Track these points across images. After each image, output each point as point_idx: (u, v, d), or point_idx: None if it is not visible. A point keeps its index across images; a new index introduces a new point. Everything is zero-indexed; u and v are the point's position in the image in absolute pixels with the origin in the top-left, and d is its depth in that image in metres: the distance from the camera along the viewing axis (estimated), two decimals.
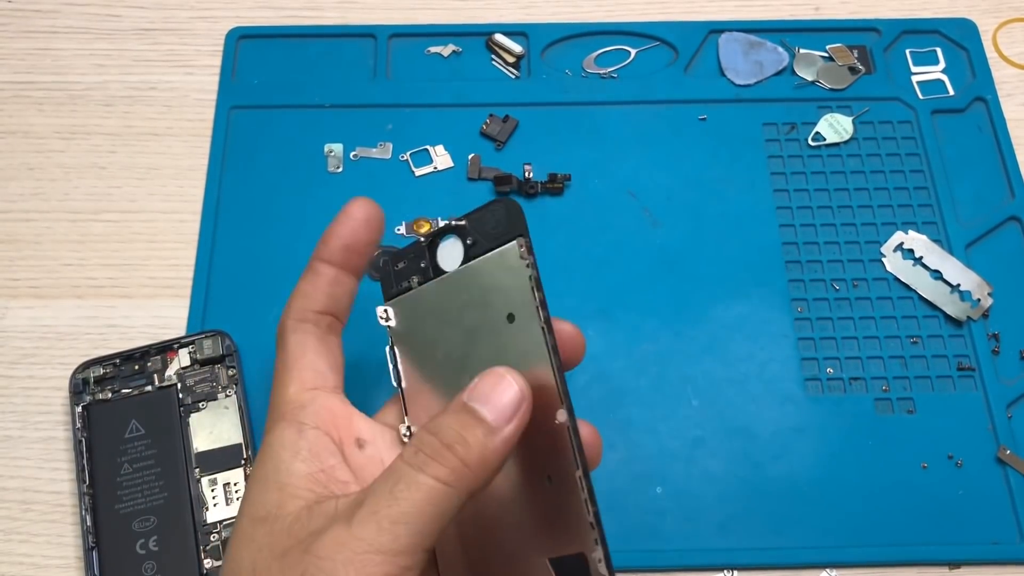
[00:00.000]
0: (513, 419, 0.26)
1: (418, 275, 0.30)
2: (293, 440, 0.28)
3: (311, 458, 0.28)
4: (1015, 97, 0.56)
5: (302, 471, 0.27)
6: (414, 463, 0.25)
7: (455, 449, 0.25)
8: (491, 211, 0.29)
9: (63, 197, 0.53)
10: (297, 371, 0.31)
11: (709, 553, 0.44)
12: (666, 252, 0.51)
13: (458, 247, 0.29)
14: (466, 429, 0.26)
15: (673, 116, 0.55)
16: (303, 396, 0.30)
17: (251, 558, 0.26)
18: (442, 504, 0.25)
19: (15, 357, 0.49)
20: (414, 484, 0.25)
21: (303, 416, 0.29)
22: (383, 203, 0.52)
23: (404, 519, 0.24)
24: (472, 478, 0.25)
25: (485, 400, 0.26)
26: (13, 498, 0.45)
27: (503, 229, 0.29)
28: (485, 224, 0.29)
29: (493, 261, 0.29)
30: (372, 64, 0.57)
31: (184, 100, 0.56)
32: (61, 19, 0.59)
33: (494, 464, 0.26)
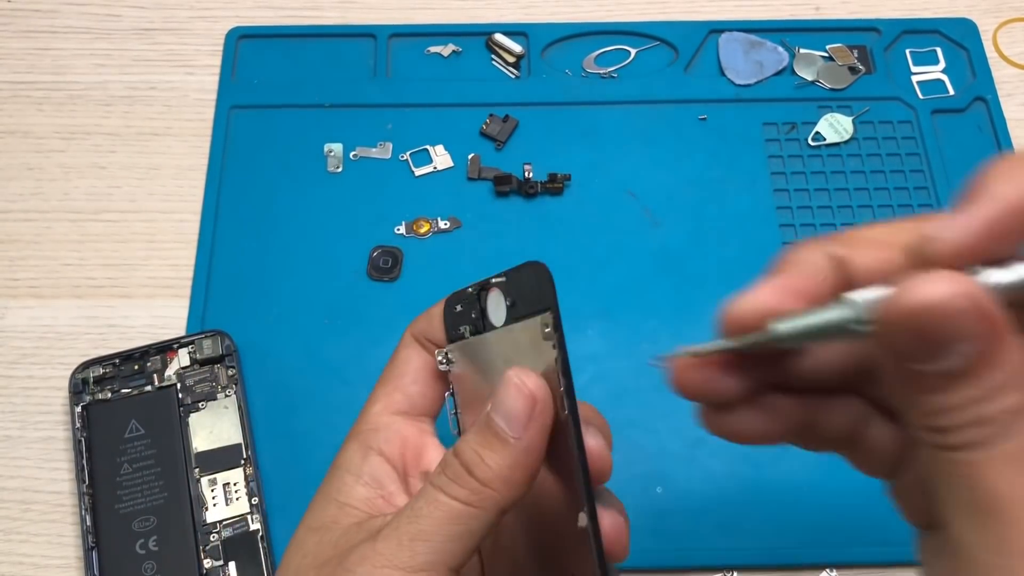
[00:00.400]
0: (529, 425, 0.25)
1: (470, 324, 0.29)
2: (357, 464, 0.29)
3: (372, 483, 0.29)
4: (1015, 97, 0.56)
5: (362, 494, 0.28)
6: (436, 483, 0.26)
7: (474, 469, 0.25)
8: (525, 273, 0.28)
9: (63, 197, 0.53)
10: (388, 390, 0.31)
11: (710, 553, 0.44)
12: (666, 252, 0.51)
13: (502, 303, 0.29)
14: (484, 448, 0.25)
15: (673, 116, 0.55)
16: (382, 419, 0.30)
17: (297, 564, 0.27)
18: (465, 523, 0.25)
19: (15, 357, 0.48)
20: (434, 503, 0.25)
21: (373, 440, 0.30)
22: (383, 203, 0.53)
23: (422, 536, 0.24)
24: (496, 496, 0.25)
25: (499, 408, 0.26)
26: (13, 498, 0.45)
27: (535, 296, 0.27)
28: (522, 286, 0.28)
29: (526, 330, 0.28)
30: (372, 64, 0.57)
31: (184, 100, 0.56)
32: (61, 19, 0.59)
33: (518, 479, 0.25)
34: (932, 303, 0.18)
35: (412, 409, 0.30)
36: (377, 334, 0.49)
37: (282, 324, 0.49)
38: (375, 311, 0.49)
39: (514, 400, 0.25)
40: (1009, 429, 0.18)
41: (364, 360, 0.48)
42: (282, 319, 0.49)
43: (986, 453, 0.18)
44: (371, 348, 0.49)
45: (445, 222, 0.52)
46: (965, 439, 0.18)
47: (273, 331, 0.49)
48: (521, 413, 0.25)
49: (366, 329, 0.49)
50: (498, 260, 0.51)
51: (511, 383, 0.26)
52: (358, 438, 0.30)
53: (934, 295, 0.18)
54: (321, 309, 0.49)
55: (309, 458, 0.46)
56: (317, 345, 0.48)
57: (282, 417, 0.47)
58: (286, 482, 0.45)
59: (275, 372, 0.48)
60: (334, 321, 0.49)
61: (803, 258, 0.22)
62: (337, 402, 0.47)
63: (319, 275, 0.50)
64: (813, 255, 0.22)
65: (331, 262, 0.51)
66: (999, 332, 0.18)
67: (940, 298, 0.18)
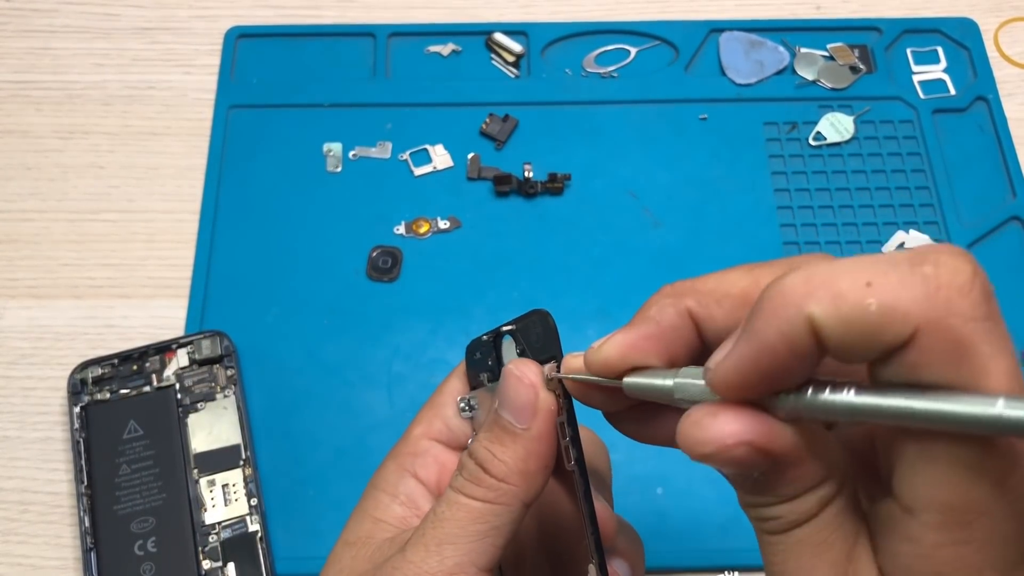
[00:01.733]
0: (536, 413, 0.26)
1: (487, 372, 0.30)
2: (394, 484, 0.29)
3: (407, 502, 0.29)
4: (1016, 96, 0.56)
5: (397, 512, 0.29)
6: (455, 486, 0.26)
7: (488, 467, 0.26)
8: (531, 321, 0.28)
9: (61, 197, 0.53)
10: (431, 417, 0.31)
11: (710, 554, 0.43)
12: (667, 252, 0.51)
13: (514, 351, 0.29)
14: (495, 443, 0.26)
15: (674, 115, 0.55)
16: (422, 443, 0.30)
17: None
18: (489, 520, 0.25)
19: (13, 357, 0.48)
20: (455, 505, 0.25)
21: (412, 464, 0.30)
22: (382, 203, 0.53)
23: (448, 539, 0.25)
24: (514, 490, 0.25)
25: (505, 402, 0.26)
26: (11, 499, 0.45)
27: (542, 344, 0.28)
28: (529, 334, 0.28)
29: None
30: (371, 63, 0.57)
31: (183, 99, 0.56)
32: (60, 18, 0.58)
33: (532, 469, 0.26)
34: (710, 448, 0.19)
35: (451, 440, 0.30)
36: (376, 334, 0.49)
37: (281, 324, 0.49)
38: (374, 311, 0.49)
39: (516, 391, 0.26)
40: (804, 524, 0.21)
41: (363, 360, 0.48)
42: (281, 319, 0.49)
43: (784, 541, 0.21)
44: (370, 348, 0.48)
45: (445, 222, 0.52)
46: (769, 528, 0.21)
47: (272, 331, 0.49)
48: (525, 403, 0.26)
49: (365, 329, 0.49)
50: (498, 260, 0.51)
51: (511, 375, 0.26)
52: (396, 459, 0.30)
53: (711, 440, 0.19)
54: (320, 309, 0.49)
55: (308, 459, 0.46)
56: (316, 345, 0.48)
57: (281, 418, 0.47)
58: (285, 483, 0.45)
59: (274, 372, 0.48)
60: (333, 321, 0.49)
61: (658, 312, 0.23)
62: (336, 402, 0.47)
63: (318, 275, 0.50)
64: (666, 311, 0.23)
65: (330, 262, 0.51)
66: (782, 460, 0.19)
67: (716, 444, 0.19)
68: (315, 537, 0.44)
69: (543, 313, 0.27)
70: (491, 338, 0.30)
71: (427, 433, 0.30)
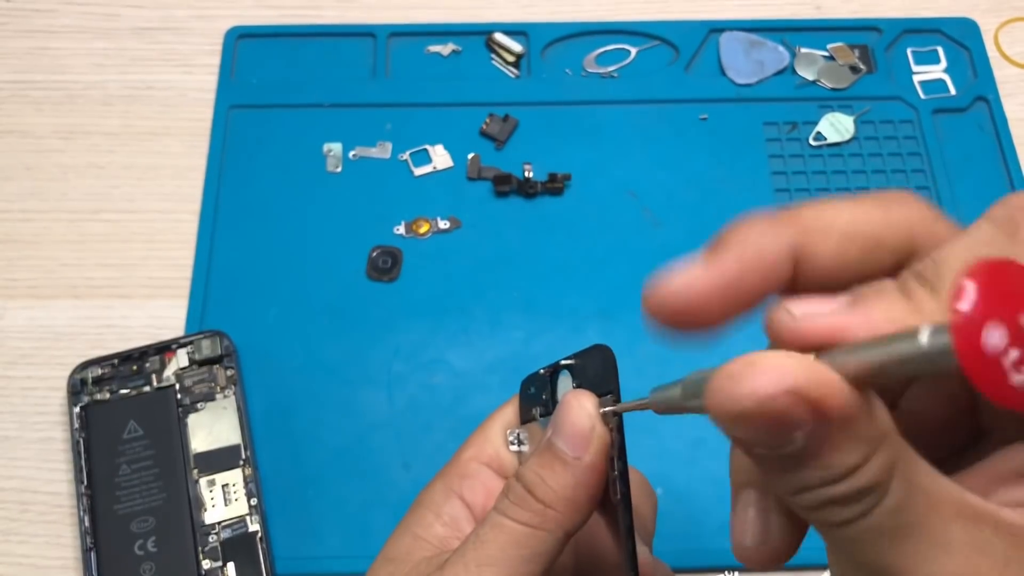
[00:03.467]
0: (589, 444, 0.25)
1: (540, 406, 0.30)
2: (439, 503, 0.29)
3: (451, 523, 0.29)
4: (1016, 96, 0.56)
5: (439, 532, 0.28)
6: (500, 508, 0.26)
7: (535, 491, 0.25)
8: (591, 356, 0.28)
9: (61, 197, 0.53)
10: (482, 442, 0.31)
11: (710, 554, 0.43)
12: (667, 252, 0.51)
13: (570, 384, 0.29)
14: (545, 469, 0.26)
15: (674, 116, 0.55)
16: (471, 466, 0.30)
17: None
18: (531, 546, 0.25)
19: (13, 357, 0.48)
20: (498, 527, 0.25)
21: (460, 486, 0.30)
22: (382, 203, 0.53)
23: (489, 561, 0.25)
24: (559, 518, 0.25)
25: (559, 431, 0.26)
26: (11, 499, 0.45)
27: (600, 379, 0.27)
28: (588, 369, 0.28)
29: None
30: (371, 63, 0.57)
31: (183, 99, 0.56)
32: (59, 18, 0.58)
33: (580, 497, 0.25)
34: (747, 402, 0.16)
35: (500, 468, 0.30)
36: (377, 334, 0.49)
37: (281, 324, 0.49)
38: (374, 311, 0.49)
39: (573, 420, 0.25)
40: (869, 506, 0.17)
41: (363, 360, 0.48)
42: (281, 319, 0.49)
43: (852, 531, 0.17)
44: (370, 348, 0.48)
45: (445, 222, 0.52)
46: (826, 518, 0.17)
47: (272, 331, 0.49)
48: (581, 432, 0.25)
49: (365, 329, 0.49)
50: (498, 260, 0.51)
51: (570, 406, 0.26)
52: (444, 480, 0.30)
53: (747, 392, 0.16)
54: (320, 309, 0.49)
55: (308, 459, 0.46)
56: (316, 345, 0.48)
57: (281, 418, 0.47)
58: (285, 483, 0.45)
59: (274, 372, 0.48)
60: (333, 321, 0.49)
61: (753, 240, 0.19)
62: (336, 402, 0.47)
63: (318, 275, 0.50)
64: (765, 238, 0.19)
65: (330, 262, 0.51)
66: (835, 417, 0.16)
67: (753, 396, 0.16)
68: (315, 537, 0.44)
69: (604, 348, 0.27)
70: (548, 372, 0.30)
71: (477, 457, 0.30)
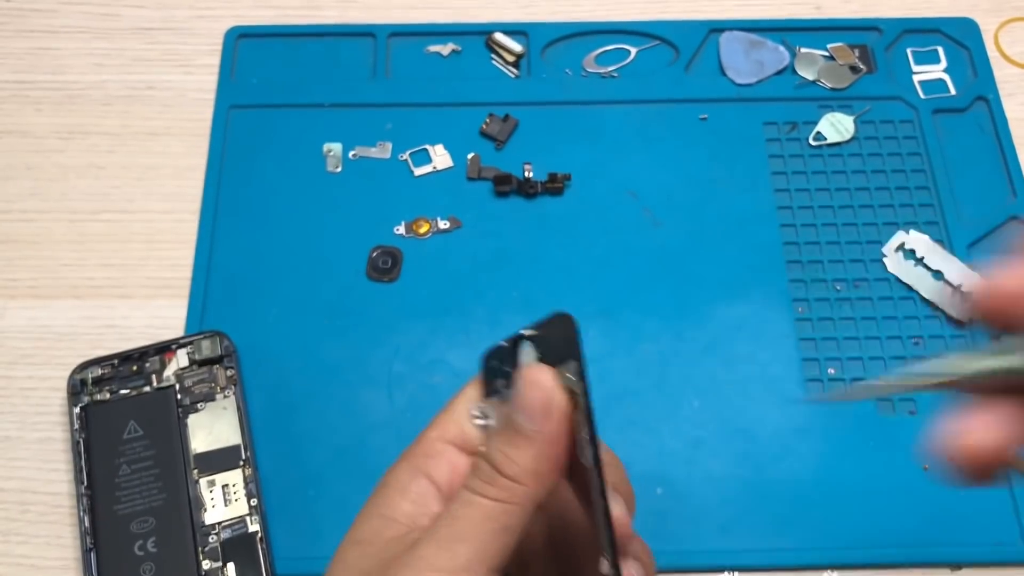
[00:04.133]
0: (549, 415, 0.26)
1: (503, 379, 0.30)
2: (405, 483, 0.30)
3: (418, 500, 0.29)
4: (1016, 96, 0.56)
5: (406, 510, 0.29)
6: (470, 486, 0.27)
7: (502, 467, 0.26)
8: (552, 325, 0.29)
9: (61, 197, 0.53)
10: (447, 421, 0.31)
11: (710, 555, 0.43)
12: (667, 252, 0.51)
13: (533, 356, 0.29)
14: (509, 446, 0.27)
15: (673, 116, 0.55)
16: (436, 446, 0.30)
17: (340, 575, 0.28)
18: (501, 520, 0.26)
19: (13, 357, 0.48)
20: (469, 504, 0.26)
21: (425, 465, 0.30)
22: (382, 203, 0.53)
23: (460, 537, 0.25)
24: (526, 491, 0.26)
25: (519, 405, 0.27)
26: (11, 499, 0.45)
27: (562, 347, 0.28)
28: (550, 337, 0.29)
29: None
30: (371, 63, 0.57)
31: (183, 99, 0.56)
32: (59, 18, 0.58)
33: (544, 468, 0.26)
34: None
35: (465, 445, 0.30)
36: (376, 335, 0.49)
37: (281, 324, 0.49)
38: (374, 311, 0.49)
39: (530, 394, 0.27)
40: None
41: (363, 361, 0.48)
42: (281, 319, 0.49)
43: None
44: (370, 349, 0.48)
45: (445, 222, 0.52)
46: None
47: (272, 331, 0.49)
48: (538, 405, 0.26)
49: (365, 330, 0.49)
50: (498, 260, 0.51)
51: (527, 380, 0.27)
52: (409, 459, 0.30)
53: None
54: (320, 309, 0.49)
55: (308, 459, 0.46)
56: (316, 346, 0.48)
57: (281, 418, 0.47)
58: (285, 483, 0.45)
59: (274, 373, 0.48)
60: (333, 321, 0.49)
61: None
62: (337, 402, 0.47)
63: (318, 275, 0.50)
64: None
65: (330, 262, 0.51)
66: None
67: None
68: (315, 537, 0.44)
69: (564, 316, 0.28)
70: (510, 344, 0.30)
71: (442, 436, 0.30)
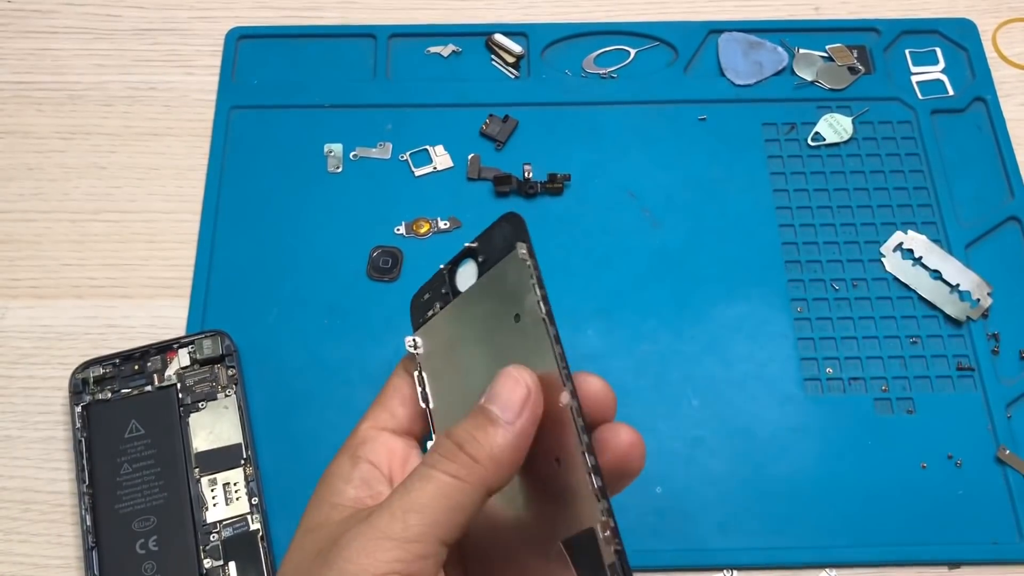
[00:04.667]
0: (522, 413, 0.27)
1: (440, 302, 0.31)
2: (347, 470, 0.31)
3: (362, 485, 0.30)
4: (1014, 97, 0.56)
5: (351, 494, 0.30)
6: (428, 462, 0.27)
7: (465, 447, 0.27)
8: (498, 228, 0.31)
9: (63, 197, 0.53)
10: (377, 410, 0.33)
11: (709, 553, 0.44)
12: (666, 252, 0.51)
13: (473, 268, 0.31)
14: (478, 429, 0.27)
15: (673, 116, 0.55)
16: (369, 433, 0.32)
17: (296, 561, 0.28)
18: (455, 497, 0.26)
19: (15, 357, 0.48)
20: (426, 478, 0.27)
21: (361, 451, 0.31)
22: (383, 203, 0.53)
23: (415, 508, 0.26)
24: (484, 473, 0.27)
25: (495, 399, 0.27)
26: (13, 498, 0.45)
27: (508, 241, 0.30)
28: (494, 240, 0.31)
29: (499, 271, 0.31)
30: (372, 64, 0.57)
31: (184, 100, 0.56)
32: (60, 19, 0.59)
33: (507, 459, 0.27)
34: None
35: (398, 428, 0.32)
36: (377, 334, 0.49)
37: (282, 324, 0.49)
38: (375, 311, 0.50)
39: (511, 390, 0.27)
40: None
41: (364, 360, 0.48)
42: (282, 319, 0.49)
43: None
44: (371, 348, 0.49)
45: (445, 222, 0.52)
46: None
47: (273, 331, 0.49)
48: (516, 401, 0.27)
49: (366, 329, 0.49)
50: None
51: (509, 375, 0.28)
52: (347, 451, 0.32)
53: None
54: (321, 309, 0.49)
55: (309, 458, 0.46)
56: (317, 345, 0.49)
57: (282, 417, 0.47)
58: (286, 482, 0.45)
59: (275, 372, 0.48)
60: (334, 321, 0.49)
61: None
62: (337, 402, 0.47)
63: (319, 275, 0.50)
64: None
65: (331, 262, 0.51)
66: None
67: None
68: None
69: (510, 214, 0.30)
70: (447, 268, 0.32)
71: (374, 425, 0.32)
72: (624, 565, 0.26)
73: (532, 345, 0.29)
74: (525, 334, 0.29)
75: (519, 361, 0.29)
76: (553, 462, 0.28)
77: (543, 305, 0.28)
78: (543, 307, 0.28)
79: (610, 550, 0.26)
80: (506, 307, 0.30)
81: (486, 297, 0.31)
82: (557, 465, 0.28)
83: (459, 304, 0.32)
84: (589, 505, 0.27)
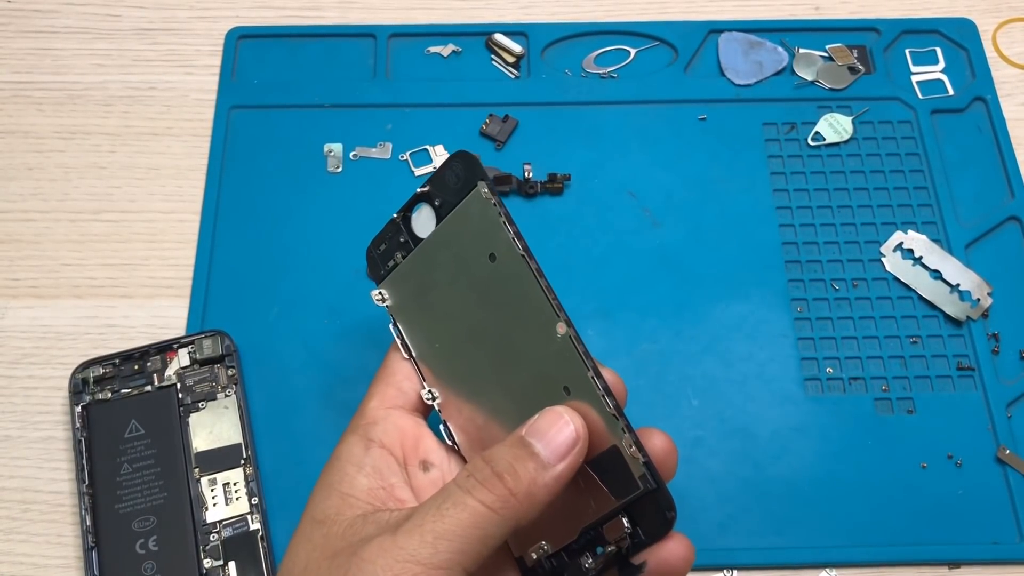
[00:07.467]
0: (566, 457, 0.27)
1: (400, 251, 0.31)
2: (359, 455, 0.30)
3: (374, 474, 0.29)
4: (1015, 97, 0.56)
5: (364, 484, 0.29)
6: (464, 486, 0.27)
7: (504, 478, 0.26)
8: (450, 168, 0.30)
9: (63, 197, 0.53)
10: (383, 387, 0.32)
11: (709, 553, 0.44)
12: (666, 252, 0.51)
13: (429, 212, 0.30)
14: (518, 461, 0.27)
15: (673, 116, 0.55)
16: (379, 413, 0.31)
17: (306, 556, 0.28)
18: (486, 528, 0.26)
19: (15, 357, 0.49)
20: (460, 504, 0.26)
21: (373, 433, 0.30)
22: (383, 203, 0.53)
23: (446, 535, 0.25)
24: (517, 508, 0.26)
25: (541, 436, 0.27)
26: (13, 498, 0.45)
27: (464, 182, 0.30)
28: (447, 182, 0.30)
29: (462, 212, 0.30)
30: (372, 64, 0.57)
31: (184, 100, 0.56)
32: (60, 19, 0.59)
33: (541, 498, 0.27)
34: None
35: (407, 404, 0.32)
36: (377, 334, 0.49)
37: (282, 324, 0.49)
38: (375, 311, 0.49)
39: (559, 431, 0.27)
40: None
41: (364, 360, 0.48)
42: (282, 319, 0.49)
43: None
44: (371, 348, 0.49)
45: None
46: None
47: (273, 331, 0.49)
48: (562, 445, 0.27)
49: (366, 329, 0.49)
50: None
51: (561, 416, 0.27)
52: (357, 432, 0.31)
53: None
54: (321, 309, 0.49)
55: (309, 458, 0.46)
56: (317, 345, 0.49)
57: (282, 417, 0.47)
58: (286, 482, 0.45)
59: (275, 372, 0.48)
60: (334, 321, 0.49)
61: None
62: (337, 402, 0.47)
63: (319, 275, 0.50)
64: None
65: (331, 262, 0.51)
66: None
67: None
68: None
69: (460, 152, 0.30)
70: (400, 216, 0.31)
71: (383, 402, 0.31)
72: (654, 474, 0.26)
73: (514, 282, 0.29)
74: (504, 272, 0.29)
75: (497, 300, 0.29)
76: (561, 391, 0.28)
77: (518, 241, 0.28)
78: (519, 243, 0.28)
79: (638, 462, 0.26)
80: (476, 248, 0.30)
81: (452, 240, 0.31)
82: (567, 393, 0.28)
83: (423, 250, 0.32)
84: (609, 425, 0.27)
